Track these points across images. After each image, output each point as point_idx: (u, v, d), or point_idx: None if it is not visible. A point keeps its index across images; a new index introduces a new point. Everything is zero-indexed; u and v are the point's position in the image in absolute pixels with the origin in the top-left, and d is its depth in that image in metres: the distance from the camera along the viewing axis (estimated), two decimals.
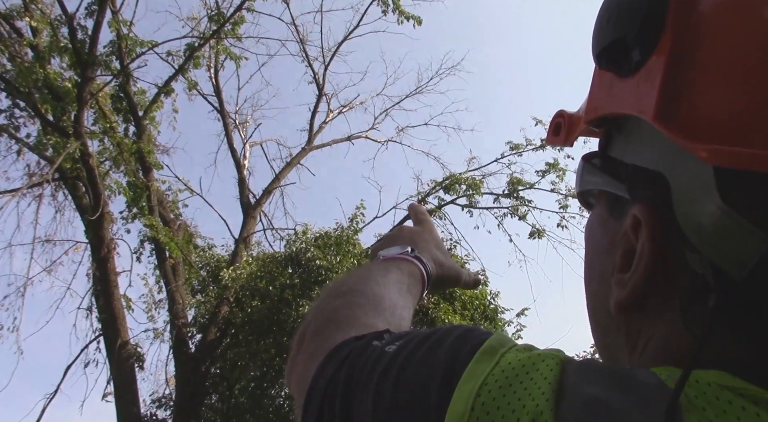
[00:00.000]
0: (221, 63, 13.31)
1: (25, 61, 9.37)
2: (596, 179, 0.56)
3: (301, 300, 9.68)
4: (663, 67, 0.44)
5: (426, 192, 13.00)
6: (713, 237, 0.42)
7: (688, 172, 0.44)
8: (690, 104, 0.43)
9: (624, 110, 0.49)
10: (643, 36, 0.46)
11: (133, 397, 9.86)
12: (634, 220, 0.48)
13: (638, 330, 0.50)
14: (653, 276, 0.47)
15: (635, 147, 0.50)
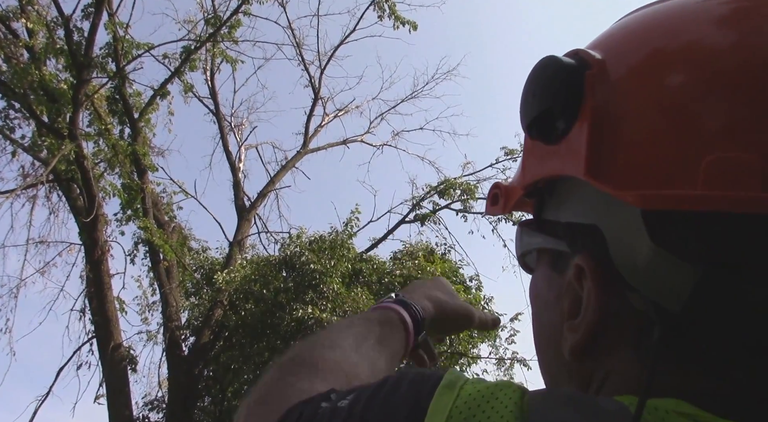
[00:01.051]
0: (217, 66, 13.32)
1: (21, 62, 9.36)
2: (536, 240, 0.60)
3: (295, 304, 9.68)
4: (587, 131, 0.50)
5: (421, 196, 13.04)
6: (648, 276, 0.46)
7: (619, 220, 0.48)
8: (613, 159, 0.48)
9: (556, 173, 0.54)
10: (566, 107, 0.51)
11: (126, 400, 9.83)
12: (576, 270, 0.52)
13: (590, 373, 0.53)
14: (601, 319, 0.51)
15: (568, 206, 0.55)
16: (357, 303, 9.81)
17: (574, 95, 0.51)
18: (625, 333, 0.50)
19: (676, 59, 0.48)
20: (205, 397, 11.46)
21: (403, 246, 12.70)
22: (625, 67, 0.51)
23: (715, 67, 0.46)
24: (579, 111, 0.51)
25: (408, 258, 12.06)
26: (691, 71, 0.47)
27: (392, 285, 11.19)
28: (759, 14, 0.48)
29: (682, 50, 0.49)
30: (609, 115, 0.50)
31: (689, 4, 0.52)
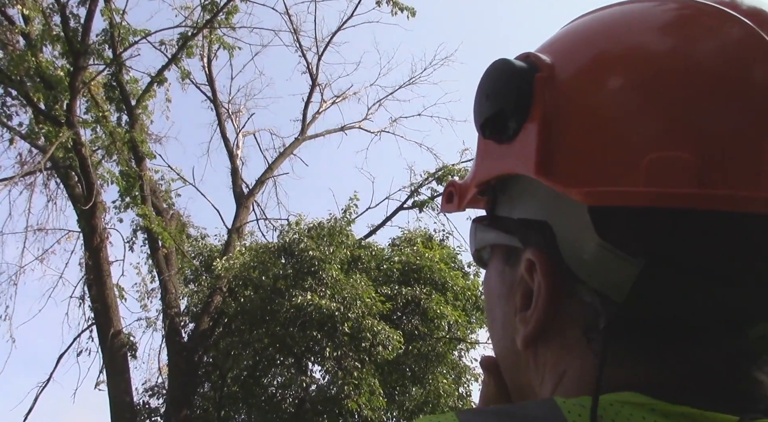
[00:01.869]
0: (214, 52, 13.29)
1: (17, 49, 9.31)
2: (489, 236, 0.62)
3: (294, 291, 9.72)
4: (537, 131, 0.53)
5: (419, 183, 13.04)
6: (595, 269, 0.49)
7: (568, 216, 0.51)
8: (562, 158, 0.51)
9: (508, 171, 0.57)
10: (517, 108, 0.54)
11: (126, 386, 9.90)
12: (528, 264, 0.55)
13: (545, 364, 0.55)
14: (552, 310, 0.53)
15: (520, 203, 0.58)
16: (356, 289, 9.86)
17: (525, 97, 0.54)
18: (575, 324, 0.52)
19: (619, 63, 0.51)
20: (205, 383, 11.53)
21: (401, 233, 12.75)
22: (572, 70, 0.54)
23: (654, 71, 0.49)
24: (529, 112, 0.54)
25: (406, 245, 12.09)
26: (632, 74, 0.50)
27: (391, 272, 11.24)
28: (697, 23, 0.51)
29: (624, 54, 0.51)
30: (557, 115, 0.52)
31: (634, 10, 0.55)
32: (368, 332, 9.59)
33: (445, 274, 11.25)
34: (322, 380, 11.03)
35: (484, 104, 0.58)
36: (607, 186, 0.48)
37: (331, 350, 9.81)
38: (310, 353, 10.56)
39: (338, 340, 9.80)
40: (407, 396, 10.95)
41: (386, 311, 10.20)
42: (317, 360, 10.73)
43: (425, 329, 10.96)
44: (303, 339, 9.84)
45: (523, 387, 0.59)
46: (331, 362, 10.12)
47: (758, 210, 0.45)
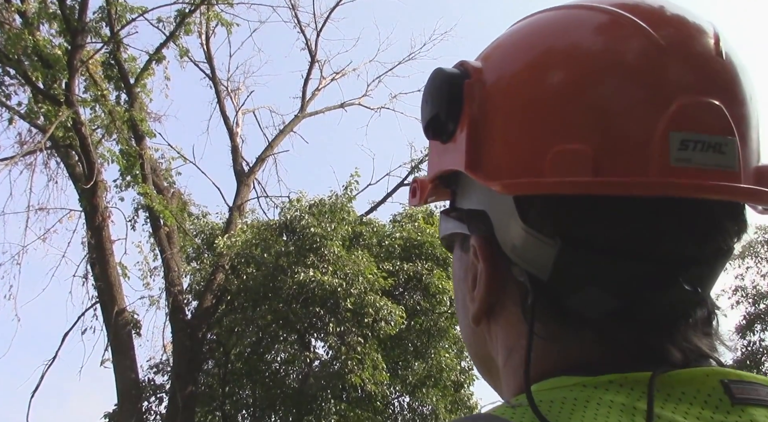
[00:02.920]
0: (212, 29, 13.18)
1: (14, 27, 9.24)
2: (449, 225, 0.68)
3: (296, 268, 9.76)
4: (466, 132, 0.59)
5: (420, 159, 13.02)
6: (522, 251, 0.56)
7: (500, 206, 0.58)
8: (488, 155, 0.58)
9: (449, 167, 0.63)
10: (449, 112, 0.61)
11: (131, 363, 9.99)
12: (473, 249, 0.61)
13: (496, 339, 0.62)
14: (493, 290, 0.60)
15: (467, 195, 0.65)
16: (358, 265, 9.90)
17: (456, 101, 0.60)
18: (515, 303, 0.59)
19: (530, 66, 0.58)
20: (209, 360, 11.64)
21: (402, 209, 12.76)
22: (496, 74, 0.60)
23: (557, 73, 0.55)
24: (460, 115, 0.60)
25: (408, 221, 12.12)
26: (543, 76, 0.56)
27: (392, 248, 11.28)
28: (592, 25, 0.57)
29: (533, 59, 0.58)
30: (484, 116, 0.59)
31: (554, 16, 0.61)
32: (371, 308, 9.65)
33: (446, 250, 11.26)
34: (325, 355, 11.13)
35: (425, 108, 0.64)
36: (521, 177, 0.55)
37: (334, 326, 9.88)
38: (313, 329, 10.64)
39: (341, 316, 9.87)
40: (410, 370, 11.05)
41: (388, 287, 10.26)
42: (320, 336, 10.82)
43: (427, 304, 11.03)
44: (306, 315, 9.92)
45: (485, 358, 0.65)
46: (334, 338, 10.20)
47: (647, 193, 0.51)
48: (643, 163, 0.51)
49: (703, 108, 0.52)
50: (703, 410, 0.50)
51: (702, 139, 0.52)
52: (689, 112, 0.52)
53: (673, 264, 0.53)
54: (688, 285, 0.53)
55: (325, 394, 10.39)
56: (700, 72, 0.54)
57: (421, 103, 0.66)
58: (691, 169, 0.51)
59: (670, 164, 0.51)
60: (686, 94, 0.52)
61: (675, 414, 0.49)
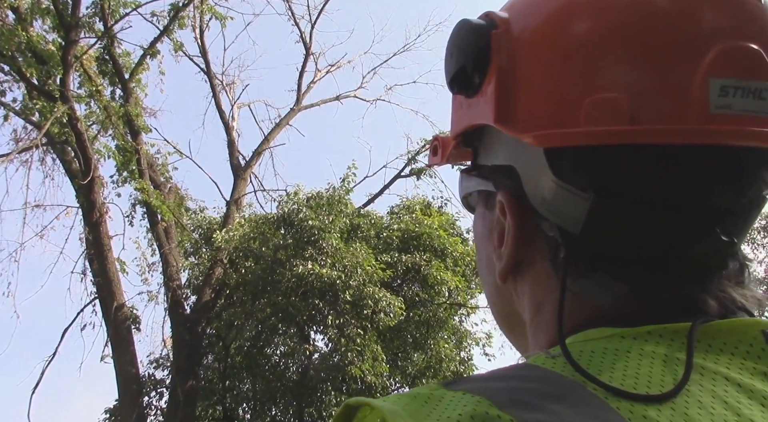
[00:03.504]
0: (206, 23, 13.12)
1: (7, 23, 9.19)
2: (471, 183, 0.67)
3: (295, 260, 9.76)
4: (495, 83, 0.57)
5: (416, 150, 13.01)
6: (553, 206, 0.55)
7: (529, 159, 0.56)
8: (518, 107, 0.56)
9: (475, 122, 0.61)
10: (477, 64, 0.59)
11: (131, 358, 10.00)
12: (500, 205, 0.60)
13: (522, 295, 0.61)
14: (521, 246, 0.59)
15: (492, 151, 0.63)
16: (356, 257, 9.91)
17: (483, 53, 0.58)
18: (544, 258, 0.58)
19: (562, 15, 0.56)
20: (209, 354, 11.65)
21: (400, 201, 12.77)
22: (524, 24, 0.58)
23: (591, 20, 0.54)
24: (488, 66, 0.58)
25: (405, 212, 12.13)
26: (573, 25, 0.54)
27: (390, 240, 11.29)
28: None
29: (565, 7, 0.56)
30: (513, 67, 0.57)
31: None
32: (369, 299, 9.67)
33: (444, 241, 11.30)
34: (325, 348, 11.15)
35: (449, 62, 0.63)
36: (554, 128, 0.53)
37: (334, 318, 9.90)
38: (312, 322, 10.66)
39: (340, 308, 9.89)
40: (409, 361, 11.08)
41: (387, 278, 10.27)
42: (320, 328, 10.84)
43: (426, 295, 11.05)
44: (305, 308, 9.93)
45: (510, 315, 0.65)
46: (334, 330, 10.22)
47: (687, 140, 0.50)
48: (682, 110, 0.50)
49: (743, 53, 0.51)
50: (746, 360, 0.49)
51: (742, 84, 0.50)
52: (728, 58, 0.51)
53: (710, 214, 0.52)
54: (724, 236, 0.52)
55: (325, 386, 10.42)
56: (737, 16, 0.53)
57: (445, 56, 0.64)
58: (731, 115, 0.50)
59: (709, 111, 0.50)
60: (724, 39, 0.51)
61: (717, 365, 0.48)
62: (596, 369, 0.47)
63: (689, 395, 0.45)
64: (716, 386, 0.46)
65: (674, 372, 0.47)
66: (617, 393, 0.45)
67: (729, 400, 0.45)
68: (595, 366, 0.48)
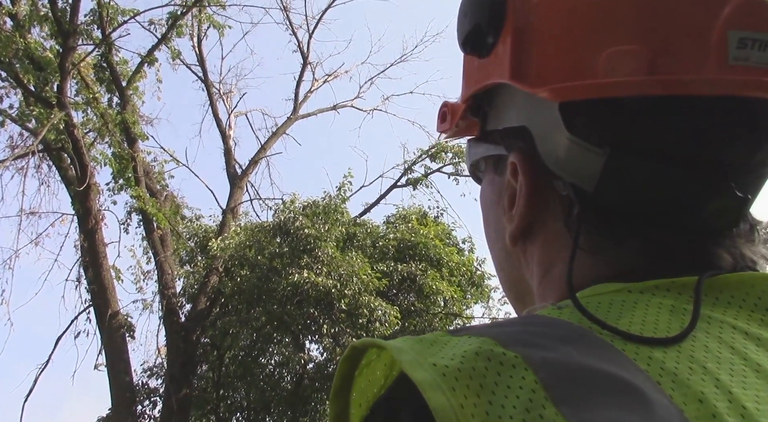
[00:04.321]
0: (204, 32, 13.15)
1: (5, 30, 9.20)
2: (480, 150, 0.67)
3: (291, 269, 9.74)
4: (510, 40, 0.57)
5: (412, 160, 13.04)
6: (567, 163, 0.54)
7: (542, 118, 0.56)
8: (533, 64, 0.56)
9: (489, 81, 0.61)
10: (492, 21, 0.59)
11: (125, 366, 9.94)
12: (512, 167, 0.60)
13: (532, 258, 0.61)
14: (533, 206, 0.59)
15: (503, 114, 0.62)
16: (352, 266, 9.89)
17: (498, 10, 0.59)
18: (556, 218, 0.57)
19: None
20: (203, 363, 11.60)
21: (396, 210, 12.78)
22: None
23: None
24: (503, 24, 0.58)
25: (401, 222, 12.13)
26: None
27: (386, 249, 11.28)
28: None
29: None
30: (528, 24, 0.57)
31: None
32: (365, 308, 9.64)
33: (440, 250, 11.30)
34: (320, 357, 11.11)
35: (463, 21, 0.63)
36: (571, 82, 0.53)
37: (329, 327, 9.87)
38: (307, 331, 10.62)
39: (335, 317, 9.86)
40: None
41: (382, 288, 10.25)
42: (315, 337, 10.80)
43: (421, 305, 11.03)
44: (300, 316, 9.90)
45: (518, 281, 0.64)
46: (329, 339, 10.19)
47: (706, 91, 0.50)
48: (700, 61, 0.50)
49: (761, 6, 0.51)
50: (753, 313, 0.49)
51: (760, 37, 0.51)
52: (746, 11, 0.51)
53: (725, 169, 0.52)
54: (739, 192, 0.52)
55: (320, 396, 10.37)
56: None
57: (458, 16, 0.64)
58: (750, 67, 0.50)
59: (728, 62, 0.50)
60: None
61: (725, 316, 0.48)
62: (603, 318, 0.47)
63: (695, 340, 0.45)
64: (723, 333, 0.46)
65: (681, 321, 0.47)
66: (624, 336, 0.45)
67: (736, 345, 0.45)
68: (601, 315, 0.47)
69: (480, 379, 0.40)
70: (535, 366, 0.41)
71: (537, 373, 0.40)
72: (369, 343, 0.48)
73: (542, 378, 0.40)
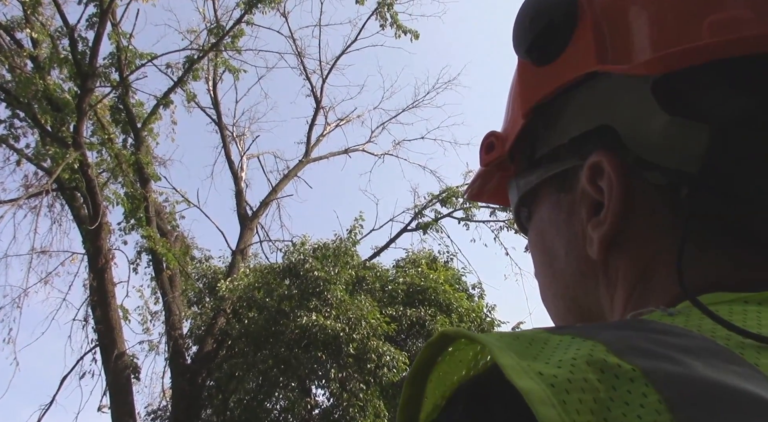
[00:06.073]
0: (220, 75, 13.40)
1: (25, 72, 9.41)
2: (535, 176, 0.61)
3: (299, 311, 9.67)
4: (590, 27, 0.55)
5: (423, 205, 13.05)
6: (666, 147, 0.50)
7: (629, 107, 0.52)
8: (618, 46, 0.53)
9: (562, 81, 0.57)
10: (566, 15, 0.56)
11: (129, 409, 9.80)
12: (590, 172, 0.54)
13: (616, 273, 0.54)
14: (626, 205, 0.53)
15: (570, 124, 0.57)
16: (361, 310, 9.81)
17: (573, 9, 0.56)
18: (648, 216, 0.52)
19: None
20: (208, 407, 11.42)
21: (406, 254, 12.73)
22: None
23: None
24: (577, 17, 0.56)
25: (411, 266, 12.06)
26: None
27: (396, 293, 11.20)
28: None
29: None
30: (607, 10, 0.55)
31: None
32: (373, 353, 9.52)
33: (449, 296, 11.20)
34: (326, 402, 10.92)
35: (527, 27, 0.59)
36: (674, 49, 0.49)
37: (336, 372, 9.73)
38: (314, 375, 10.47)
39: (343, 362, 9.73)
40: None
41: (391, 332, 10.14)
42: (321, 382, 10.64)
43: None
44: (308, 360, 9.77)
45: (589, 308, 0.58)
46: (336, 384, 10.03)
47: None
48: None
49: None
50: None
51: None
52: None
53: None
54: None
55: None
56: None
57: (519, 25, 0.61)
58: None
59: None
60: None
61: None
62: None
63: None
64: None
65: None
66: (758, 340, 0.39)
67: None
68: None
69: (593, 393, 0.34)
70: (658, 383, 0.34)
71: (661, 392, 0.34)
72: (462, 334, 0.42)
73: (667, 398, 0.33)
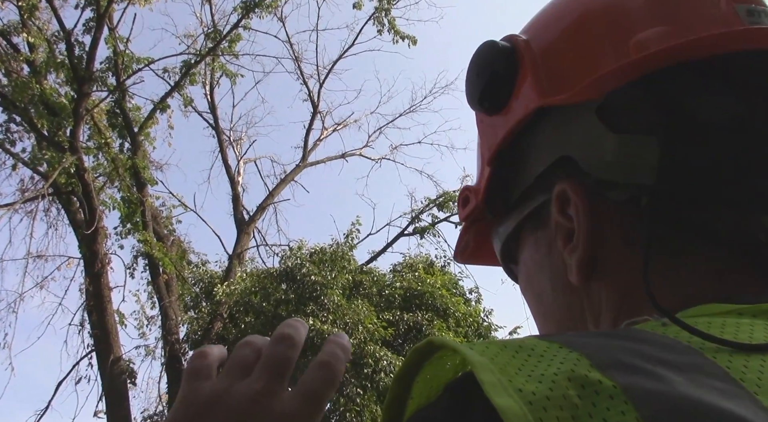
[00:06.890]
0: (217, 80, 13.39)
1: (22, 76, 9.39)
2: (512, 220, 0.64)
3: (296, 316, 9.64)
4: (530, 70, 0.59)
5: (420, 209, 13.06)
6: (621, 164, 0.52)
7: (579, 135, 0.55)
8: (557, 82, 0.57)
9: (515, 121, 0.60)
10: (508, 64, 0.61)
11: (126, 413, 9.76)
12: (558, 202, 0.56)
13: (599, 297, 0.55)
14: (595, 225, 0.54)
15: (530, 164, 0.61)
16: (357, 314, 9.80)
17: (510, 53, 0.61)
18: (620, 234, 0.54)
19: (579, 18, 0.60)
20: None
21: (403, 259, 12.72)
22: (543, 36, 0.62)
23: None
24: (519, 63, 0.60)
25: (408, 271, 12.06)
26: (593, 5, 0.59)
27: (392, 298, 11.19)
28: None
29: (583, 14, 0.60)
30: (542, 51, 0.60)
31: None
32: (370, 358, 9.51)
33: (446, 300, 11.19)
34: None
35: (475, 81, 0.63)
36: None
37: None
38: None
39: None
40: None
41: (388, 337, 10.13)
42: None
43: None
44: (304, 365, 9.67)
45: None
46: None
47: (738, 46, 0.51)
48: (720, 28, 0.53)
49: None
50: None
51: (762, 9, 0.55)
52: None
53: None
54: None
55: None
56: None
57: (469, 80, 0.64)
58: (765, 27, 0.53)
59: (746, 25, 0.53)
60: None
61: None
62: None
63: None
64: None
65: None
66: (747, 349, 0.39)
67: None
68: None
69: (572, 410, 0.35)
70: (637, 400, 0.35)
71: (638, 409, 0.34)
72: (449, 345, 0.43)
73: (645, 417, 0.34)
